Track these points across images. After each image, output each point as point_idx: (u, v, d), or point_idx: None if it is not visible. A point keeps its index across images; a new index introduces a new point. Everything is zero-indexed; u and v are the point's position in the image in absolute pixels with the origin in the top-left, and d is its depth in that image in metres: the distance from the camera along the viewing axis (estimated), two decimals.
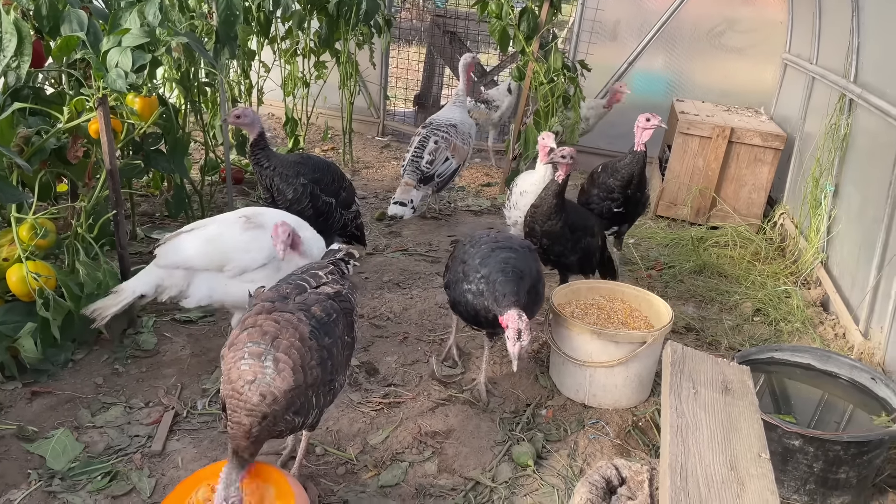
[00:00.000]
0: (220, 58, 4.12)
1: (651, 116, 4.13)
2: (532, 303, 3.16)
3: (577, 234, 3.97)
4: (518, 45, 6.03)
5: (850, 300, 4.37)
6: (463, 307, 3.17)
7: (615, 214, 4.35)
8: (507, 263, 3.08)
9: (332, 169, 4.32)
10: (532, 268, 3.20)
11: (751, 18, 6.60)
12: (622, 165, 4.23)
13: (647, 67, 7.07)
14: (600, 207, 4.36)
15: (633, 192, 4.23)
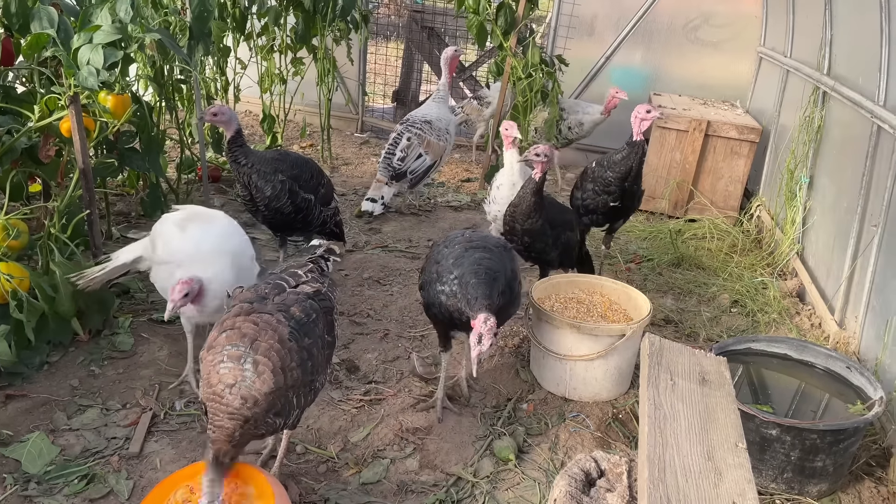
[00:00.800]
0: (194, 54, 4.07)
1: (651, 108, 4.12)
2: (507, 303, 3.09)
3: (556, 230, 3.97)
4: (496, 40, 6.03)
5: (826, 290, 4.42)
6: (437, 309, 3.09)
7: (611, 209, 4.29)
8: (481, 265, 3.01)
9: (310, 165, 4.29)
10: (507, 267, 3.14)
11: (726, 12, 6.64)
12: (620, 158, 4.13)
13: (625, 62, 7.10)
14: (595, 202, 4.27)
15: (630, 185, 4.17)
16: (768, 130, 5.87)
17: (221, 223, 3.26)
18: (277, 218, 4.12)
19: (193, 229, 3.17)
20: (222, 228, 3.22)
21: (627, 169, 4.11)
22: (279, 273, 2.98)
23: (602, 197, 4.23)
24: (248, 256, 3.27)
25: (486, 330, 2.73)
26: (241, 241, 3.27)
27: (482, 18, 5.88)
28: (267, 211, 4.06)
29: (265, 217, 4.13)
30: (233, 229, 3.28)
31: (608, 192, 4.20)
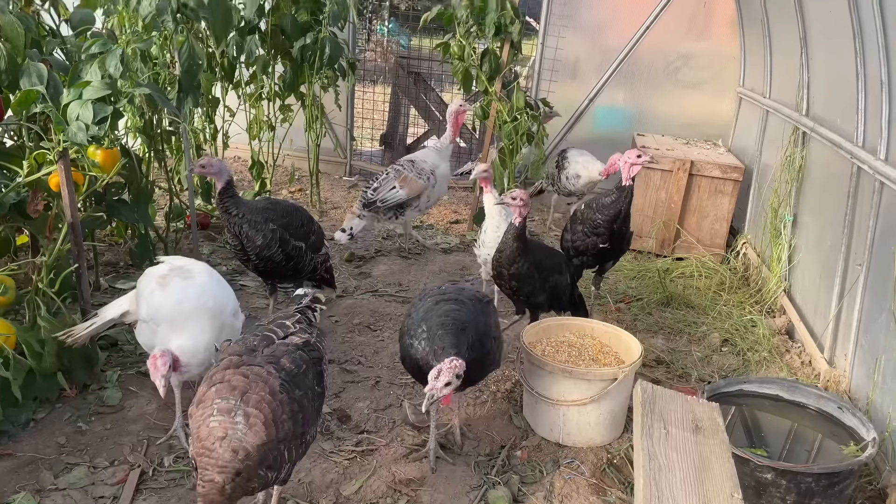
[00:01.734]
0: (183, 107, 4.10)
1: (642, 153, 4.18)
2: (479, 359, 2.96)
3: (544, 273, 3.98)
4: (481, 85, 6.12)
5: (814, 328, 4.44)
6: (409, 362, 3.03)
7: (601, 251, 4.31)
8: (448, 316, 2.94)
9: (300, 213, 4.30)
10: (479, 321, 3.03)
11: (705, 53, 6.79)
12: (610, 201, 4.17)
13: (609, 102, 7.21)
14: (585, 244, 4.30)
15: (619, 228, 4.21)
16: (751, 169, 5.95)
17: (202, 278, 3.24)
18: (268, 266, 4.11)
19: (173, 286, 3.16)
20: (202, 285, 3.20)
21: (616, 212, 4.15)
22: (267, 324, 2.97)
23: (592, 239, 4.26)
24: (230, 311, 3.23)
25: (447, 367, 2.66)
26: (221, 296, 3.24)
27: (467, 65, 5.98)
28: (258, 260, 4.05)
29: (255, 266, 4.12)
30: (213, 284, 3.26)
31: (598, 235, 4.23)
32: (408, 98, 8.42)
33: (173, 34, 4.09)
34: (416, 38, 9.87)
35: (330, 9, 5.77)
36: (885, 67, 3.57)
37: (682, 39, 6.79)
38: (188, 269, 3.27)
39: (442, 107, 8.43)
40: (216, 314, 3.15)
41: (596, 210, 4.22)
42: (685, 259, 5.80)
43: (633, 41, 6.87)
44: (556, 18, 6.99)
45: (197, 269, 3.28)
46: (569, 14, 6.99)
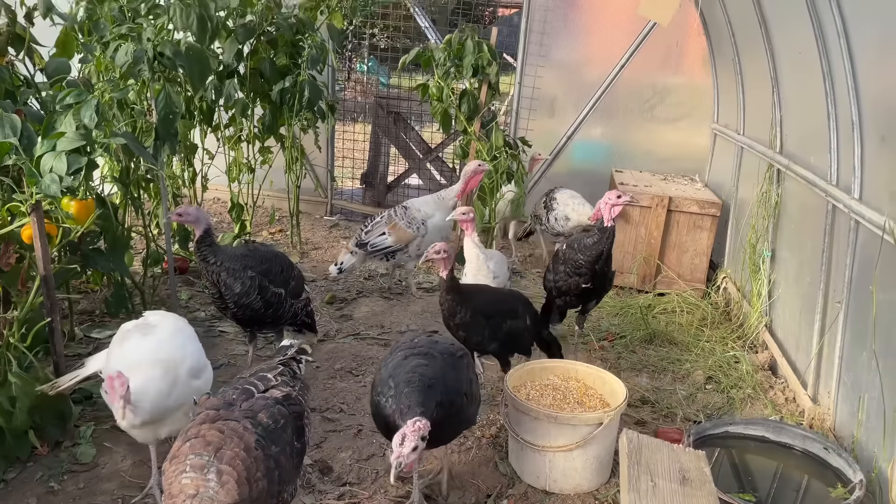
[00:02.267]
0: (160, 155, 4.06)
1: (622, 193, 4.20)
2: (450, 417, 2.84)
3: (494, 319, 3.87)
4: (460, 125, 6.15)
5: (797, 363, 4.44)
6: (378, 419, 2.92)
7: (583, 291, 4.29)
8: (415, 372, 2.84)
9: (280, 259, 4.25)
10: (449, 377, 2.91)
11: (680, 90, 6.88)
12: (592, 242, 4.16)
13: (587, 137, 7.27)
14: (568, 284, 4.28)
15: (602, 268, 4.20)
16: (728, 204, 6.00)
17: (162, 334, 3.17)
18: (247, 314, 4.04)
19: (131, 342, 3.10)
20: (159, 341, 3.14)
21: (599, 253, 4.14)
22: (248, 377, 2.90)
23: (574, 279, 4.25)
24: (186, 369, 3.12)
25: (411, 430, 2.55)
26: (177, 353, 3.13)
27: (446, 105, 6.02)
28: (236, 308, 3.99)
29: (234, 314, 4.05)
30: (172, 341, 3.18)
31: (580, 275, 4.22)
32: (388, 137, 8.44)
33: (150, 82, 4.06)
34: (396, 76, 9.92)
35: (308, 53, 5.80)
36: (856, 107, 3.62)
37: (657, 76, 6.89)
38: (152, 324, 3.21)
39: (422, 146, 8.46)
40: (169, 369, 3.06)
41: (578, 250, 4.21)
42: (667, 294, 5.80)
43: (610, 78, 6.96)
44: (533, 57, 7.07)
45: (162, 326, 3.21)
46: (545, 52, 7.07)
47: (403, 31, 10.08)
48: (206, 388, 3.21)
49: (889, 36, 3.24)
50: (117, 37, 4.12)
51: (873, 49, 3.53)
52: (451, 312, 3.82)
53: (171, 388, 3.02)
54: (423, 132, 8.78)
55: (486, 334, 3.87)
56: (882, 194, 3.42)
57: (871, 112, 3.54)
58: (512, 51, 7.76)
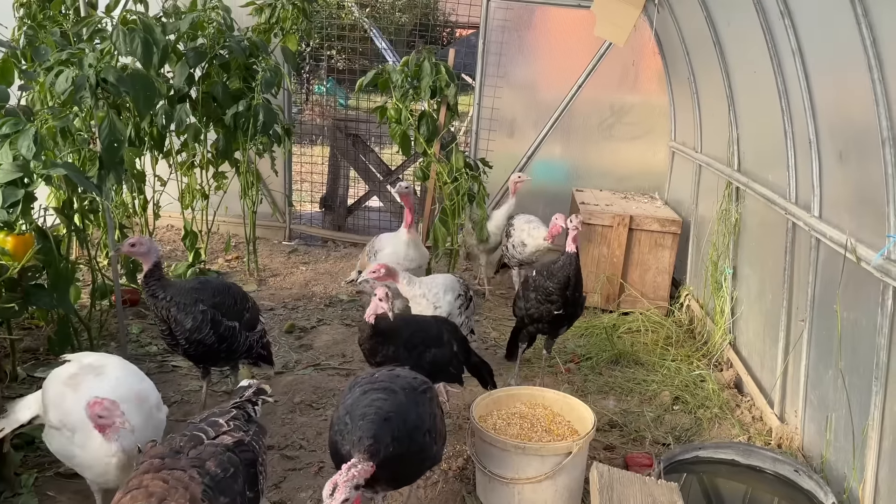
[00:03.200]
0: (104, 184, 3.87)
1: (573, 218, 4.21)
2: (407, 454, 2.69)
3: (416, 350, 3.72)
4: (419, 147, 6.06)
5: (762, 381, 4.42)
6: (336, 457, 2.77)
7: (556, 317, 4.24)
8: (372, 405, 2.72)
9: (233, 291, 4.08)
10: (410, 412, 2.77)
11: (637, 109, 6.91)
12: (557, 268, 4.14)
13: (547, 156, 7.25)
14: (540, 311, 4.23)
15: (572, 294, 4.16)
16: (688, 221, 6.01)
17: (116, 372, 3.00)
18: (199, 350, 3.86)
19: (86, 386, 2.90)
20: (117, 378, 2.96)
21: (566, 278, 4.11)
22: (199, 422, 2.75)
23: (546, 306, 4.21)
24: (153, 402, 2.98)
25: (344, 479, 2.28)
26: (140, 387, 3.00)
27: (405, 128, 5.93)
28: (188, 344, 3.81)
29: (186, 350, 3.87)
30: (129, 376, 3.02)
31: (551, 302, 4.18)
32: (347, 160, 8.32)
33: (93, 109, 3.88)
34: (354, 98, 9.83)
35: (262, 76, 5.66)
36: (813, 125, 3.63)
37: (614, 95, 6.91)
38: (99, 364, 3.02)
39: (382, 167, 8.36)
40: (140, 402, 2.91)
41: (547, 277, 4.17)
42: (631, 313, 5.77)
43: (568, 97, 6.96)
44: (491, 77, 7.04)
45: (110, 364, 3.03)
46: (503, 73, 7.05)
47: (361, 52, 10.01)
48: (164, 423, 3.06)
49: (843, 52, 3.26)
50: (58, 62, 3.93)
51: (828, 65, 3.54)
52: (372, 352, 3.64)
53: (147, 422, 2.88)
54: (382, 154, 8.71)
55: (411, 365, 3.70)
56: (841, 211, 3.42)
57: (827, 128, 3.55)
58: (470, 71, 7.72)
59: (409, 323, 3.87)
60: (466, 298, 4.47)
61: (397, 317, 3.73)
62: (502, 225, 6.15)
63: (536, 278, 4.26)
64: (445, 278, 4.49)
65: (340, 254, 7.47)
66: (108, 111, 3.75)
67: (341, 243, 7.80)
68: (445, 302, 4.32)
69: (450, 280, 4.49)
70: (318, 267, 7.07)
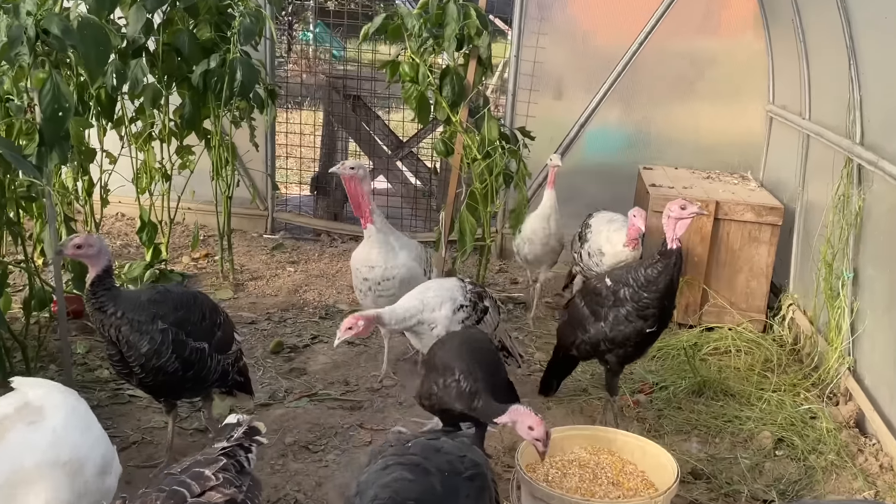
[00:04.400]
0: (46, 164, 3.91)
1: (686, 203, 4.12)
2: None
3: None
4: (441, 112, 6.06)
5: (892, 418, 4.39)
6: None
7: (646, 337, 4.23)
8: (390, 487, 2.63)
9: (200, 302, 4.08)
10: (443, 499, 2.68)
11: (723, 61, 6.88)
12: (656, 272, 4.06)
13: (602, 124, 7.26)
14: (625, 332, 4.18)
15: (669, 304, 4.16)
16: (792, 209, 5.98)
17: (55, 421, 3.00)
18: (159, 379, 3.84)
19: (14, 438, 2.91)
20: (54, 431, 2.97)
21: (667, 285, 4.09)
22: (180, 472, 2.76)
23: (638, 324, 4.17)
24: (93, 469, 2.96)
25: None
26: (82, 446, 2.99)
27: (423, 88, 5.92)
28: (144, 373, 3.79)
29: (142, 381, 3.86)
30: (71, 429, 3.02)
31: (645, 318, 4.15)
32: (345, 129, 8.34)
33: (31, 69, 3.91)
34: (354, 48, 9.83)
35: (240, 22, 5.69)
36: None
37: (693, 43, 6.91)
38: (38, 407, 3.03)
39: (391, 139, 8.38)
40: (75, 471, 2.91)
41: (642, 287, 4.11)
42: (717, 329, 5.76)
43: (633, 48, 6.94)
44: (533, 23, 7.03)
45: (52, 407, 3.04)
46: (548, 17, 7.05)
47: None
48: (115, 484, 3.07)
49: None
50: None
51: None
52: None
53: (80, 499, 2.88)
54: (391, 121, 8.72)
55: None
56: None
57: None
58: (505, 14, 7.73)
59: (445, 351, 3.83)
60: (475, 310, 4.40)
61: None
62: (540, 229, 5.94)
63: (619, 286, 4.19)
64: (439, 285, 4.44)
65: (338, 250, 7.52)
66: (50, 71, 3.78)
67: (339, 236, 7.86)
68: (441, 318, 4.25)
69: (448, 287, 4.43)
70: (309, 268, 7.10)
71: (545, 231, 5.92)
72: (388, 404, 4.91)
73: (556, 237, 5.97)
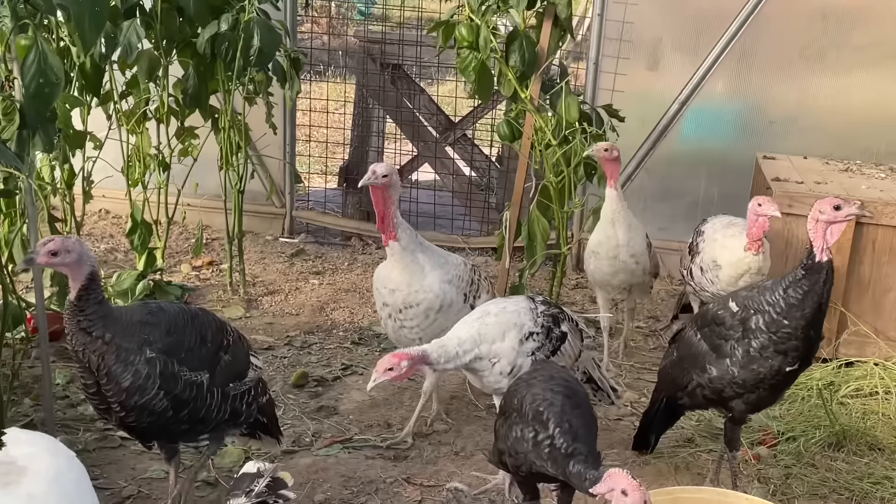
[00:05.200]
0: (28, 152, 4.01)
1: (842, 202, 4.07)
2: None
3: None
4: (507, 87, 6.10)
5: None
6: None
7: (785, 377, 4.21)
8: None
9: (199, 322, 4.06)
10: None
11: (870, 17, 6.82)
12: (801, 293, 3.98)
13: (705, 100, 7.27)
14: (760, 373, 4.11)
15: (816, 335, 4.10)
16: None
17: (35, 487, 3.08)
18: (144, 420, 3.87)
19: None
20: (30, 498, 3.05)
21: (815, 310, 4.01)
22: None
23: (776, 360, 4.11)
24: None
25: None
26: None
27: (484, 56, 5.96)
28: (124, 411, 3.82)
29: (123, 420, 3.90)
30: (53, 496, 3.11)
31: (784, 353, 4.09)
32: (382, 106, 8.42)
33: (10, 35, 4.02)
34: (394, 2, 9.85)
35: None
36: None
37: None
38: (22, 468, 3.11)
39: (439, 118, 8.43)
40: None
41: (781, 313, 4.03)
42: (859, 364, 5.73)
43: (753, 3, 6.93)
44: None
45: (36, 469, 3.12)
46: None
47: None
48: None
49: None
50: None
51: None
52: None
53: None
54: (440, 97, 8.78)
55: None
56: None
57: None
58: None
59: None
60: (549, 338, 4.39)
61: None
62: (605, 239, 5.73)
63: (749, 313, 4.12)
64: (500, 308, 4.40)
65: (372, 258, 7.60)
66: (36, 37, 3.88)
67: (373, 241, 7.93)
68: (506, 350, 4.24)
69: (512, 310, 4.39)
70: (337, 280, 7.19)
71: (610, 241, 5.70)
72: (441, 454, 4.96)
73: (626, 250, 5.71)
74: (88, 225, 7.70)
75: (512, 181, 6.72)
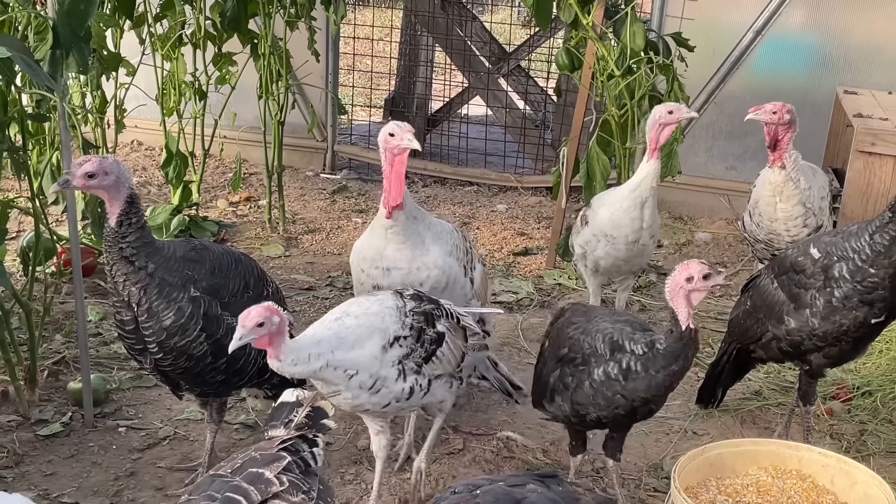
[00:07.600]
0: (61, 73, 4.03)
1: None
2: None
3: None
4: (567, 13, 6.05)
5: None
6: None
7: (870, 329, 4.16)
8: None
9: (243, 267, 4.08)
10: None
11: None
12: (889, 239, 3.91)
13: (783, 30, 7.21)
14: (843, 324, 4.07)
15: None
16: None
17: None
18: (179, 364, 3.89)
19: None
20: None
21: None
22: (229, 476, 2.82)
23: (860, 311, 4.07)
24: None
25: None
26: None
27: None
28: (161, 353, 3.83)
29: (158, 363, 3.90)
30: None
31: (870, 303, 4.04)
32: (431, 33, 8.37)
33: None
34: None
35: None
36: None
37: None
38: None
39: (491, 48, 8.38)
40: None
41: (867, 260, 3.97)
42: None
43: None
44: None
45: None
46: None
47: None
48: None
49: None
50: None
51: None
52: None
53: None
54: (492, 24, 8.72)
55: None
56: None
57: None
58: None
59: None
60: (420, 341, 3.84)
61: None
62: (629, 220, 5.11)
63: (834, 262, 4.06)
64: (364, 310, 3.79)
65: (419, 196, 7.60)
66: None
67: (420, 178, 7.94)
68: (365, 360, 3.66)
69: (374, 310, 3.79)
70: None
71: (634, 224, 5.13)
72: (492, 402, 4.99)
73: (649, 232, 5.23)
74: (120, 157, 7.75)
75: (569, 116, 6.69)
